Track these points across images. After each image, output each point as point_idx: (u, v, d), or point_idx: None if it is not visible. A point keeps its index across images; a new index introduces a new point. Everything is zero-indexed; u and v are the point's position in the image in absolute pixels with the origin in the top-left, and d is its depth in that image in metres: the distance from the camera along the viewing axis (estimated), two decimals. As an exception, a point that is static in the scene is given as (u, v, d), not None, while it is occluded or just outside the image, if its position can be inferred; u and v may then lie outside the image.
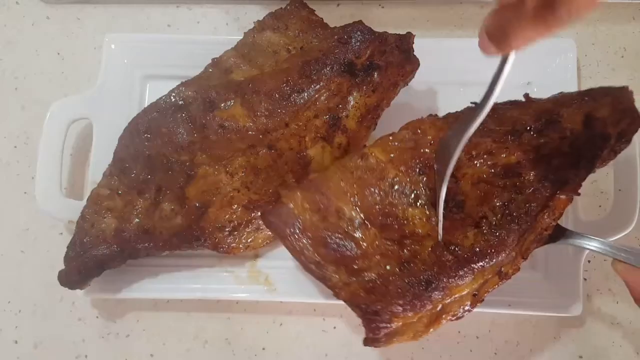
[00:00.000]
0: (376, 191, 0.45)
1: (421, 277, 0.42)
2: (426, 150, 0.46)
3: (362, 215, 0.44)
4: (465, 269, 0.41)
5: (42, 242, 0.58)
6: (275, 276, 0.53)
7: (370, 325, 0.42)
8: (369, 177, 0.45)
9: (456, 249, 0.42)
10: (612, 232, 0.50)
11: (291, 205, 0.45)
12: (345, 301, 0.44)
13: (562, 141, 0.44)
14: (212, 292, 0.53)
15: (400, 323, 0.42)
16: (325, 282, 0.44)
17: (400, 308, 0.41)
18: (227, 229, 0.49)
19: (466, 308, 0.44)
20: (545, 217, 0.43)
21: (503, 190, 0.43)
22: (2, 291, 0.57)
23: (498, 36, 0.29)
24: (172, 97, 0.51)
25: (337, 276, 0.44)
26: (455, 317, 0.44)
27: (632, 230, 0.49)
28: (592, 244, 0.45)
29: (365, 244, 0.44)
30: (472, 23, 0.62)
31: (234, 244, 0.50)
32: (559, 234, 0.46)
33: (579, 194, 0.43)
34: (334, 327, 0.55)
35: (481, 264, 0.41)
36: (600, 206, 0.56)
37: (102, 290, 0.52)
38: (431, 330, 0.43)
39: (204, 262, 0.53)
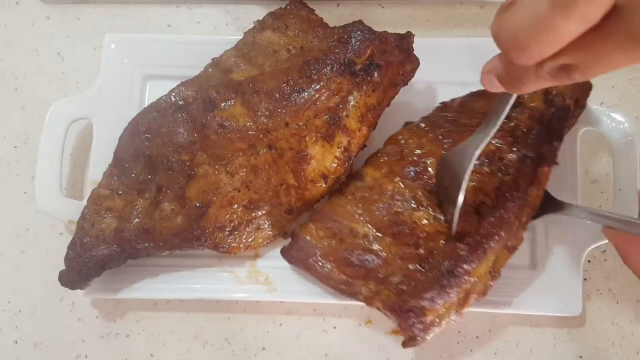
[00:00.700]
0: (380, 205, 0.49)
1: (442, 268, 0.45)
2: (413, 157, 0.50)
3: (374, 230, 0.48)
4: (479, 252, 0.45)
5: (42, 242, 0.58)
6: (275, 276, 0.53)
7: (406, 323, 0.45)
8: (370, 194, 0.50)
9: (467, 237, 0.45)
10: (612, 232, 0.50)
11: (308, 238, 0.49)
12: (379, 309, 0.47)
13: (531, 120, 0.49)
14: (212, 292, 0.53)
15: (433, 316, 0.45)
16: (357, 297, 0.48)
17: (431, 300, 0.44)
18: (227, 229, 0.49)
19: (488, 284, 0.47)
20: (534, 189, 0.47)
21: (491, 176, 0.47)
22: (2, 291, 0.57)
23: (512, 82, 0.30)
24: (172, 97, 0.51)
25: (366, 288, 0.47)
26: (480, 296, 0.47)
27: (632, 230, 0.49)
28: (582, 213, 0.47)
29: (384, 254, 0.47)
30: (472, 23, 0.62)
31: (234, 244, 0.50)
32: (551, 205, 0.50)
33: (557, 163, 0.48)
34: (334, 327, 0.55)
35: (491, 243, 0.45)
36: (600, 206, 0.56)
37: (102, 290, 0.52)
38: (459, 316, 0.46)
39: (204, 262, 0.54)
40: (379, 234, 0.48)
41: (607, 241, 0.50)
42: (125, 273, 0.53)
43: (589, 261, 0.55)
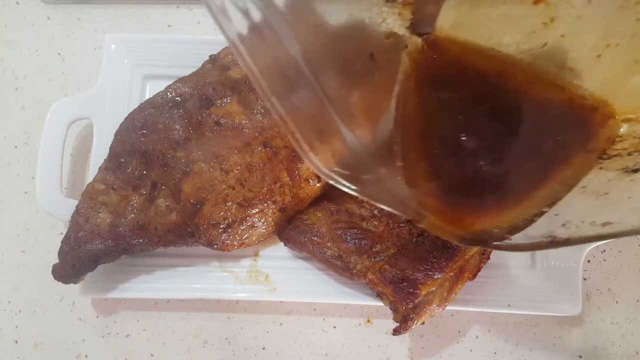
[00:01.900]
0: None
1: (438, 241, 0.46)
2: None
3: (370, 210, 0.50)
4: None
5: (42, 242, 0.58)
6: (275, 276, 0.53)
7: (400, 293, 0.46)
8: None
9: None
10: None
11: (305, 217, 0.51)
12: (373, 283, 0.47)
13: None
14: (212, 292, 0.53)
15: (426, 291, 0.46)
16: (350, 272, 0.48)
17: (424, 273, 0.45)
18: (221, 226, 0.50)
19: (479, 265, 0.48)
20: None
21: None
22: (2, 291, 0.57)
23: None
24: (168, 94, 0.52)
25: (360, 263, 0.48)
26: (472, 276, 0.48)
27: (632, 230, 0.49)
28: None
29: (379, 229, 0.49)
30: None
31: (228, 241, 0.50)
32: None
33: None
34: (334, 327, 0.55)
35: None
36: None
37: (102, 290, 0.52)
38: (453, 295, 0.47)
39: (204, 262, 0.54)
40: (376, 213, 0.50)
41: (607, 241, 0.51)
42: (126, 273, 0.53)
43: (588, 261, 0.55)
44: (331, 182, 0.37)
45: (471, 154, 0.39)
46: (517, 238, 0.37)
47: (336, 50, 0.40)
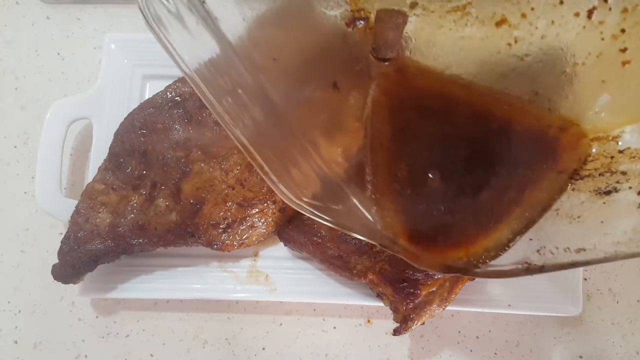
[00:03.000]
0: None
1: None
2: None
3: None
4: None
5: (42, 242, 0.58)
6: (275, 276, 0.53)
7: (401, 296, 0.45)
8: None
9: None
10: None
11: (305, 217, 0.49)
12: (373, 283, 0.47)
13: None
14: (212, 292, 0.53)
15: (427, 292, 0.45)
16: (351, 272, 0.48)
17: (425, 272, 0.45)
18: (221, 226, 0.49)
19: None
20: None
21: None
22: (2, 291, 0.57)
23: None
24: (168, 93, 0.52)
25: (361, 263, 0.48)
26: (469, 279, 0.48)
27: (632, 230, 0.49)
28: None
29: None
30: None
31: (228, 241, 0.50)
32: None
33: None
34: (334, 327, 0.55)
35: None
36: (600, 206, 0.56)
37: (102, 291, 0.52)
38: (453, 296, 0.47)
39: (204, 261, 0.54)
40: None
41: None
42: (126, 273, 0.53)
43: (589, 261, 0.55)
44: (303, 212, 0.38)
45: (441, 182, 0.40)
46: (492, 265, 0.37)
47: (299, 80, 0.40)
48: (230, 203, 0.49)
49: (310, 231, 0.50)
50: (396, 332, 0.46)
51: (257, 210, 0.50)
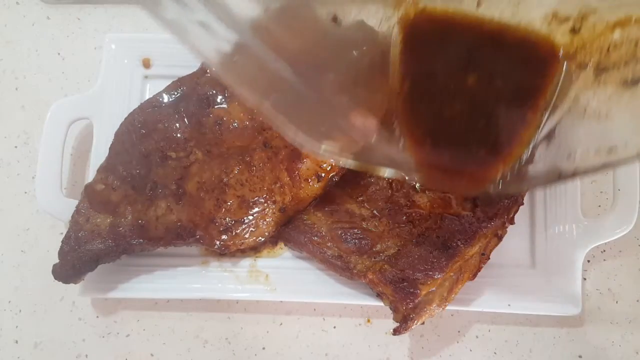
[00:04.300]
0: (377, 189, 0.51)
1: (438, 242, 0.46)
2: None
3: (370, 211, 0.50)
4: (473, 229, 0.46)
5: (42, 242, 0.58)
6: (275, 276, 0.53)
7: (401, 295, 0.45)
8: (366, 182, 0.51)
9: (461, 218, 0.47)
10: (612, 231, 0.50)
11: (305, 217, 0.50)
12: (373, 283, 0.47)
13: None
14: (212, 292, 0.53)
15: (426, 291, 0.46)
16: (351, 272, 0.48)
17: (425, 273, 0.45)
18: (221, 226, 0.50)
19: (479, 265, 0.48)
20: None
21: None
22: (2, 291, 0.57)
23: None
24: (168, 93, 0.52)
25: (361, 263, 0.48)
26: (472, 276, 0.48)
27: (632, 230, 0.49)
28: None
29: (379, 229, 0.49)
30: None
31: (228, 241, 0.50)
32: None
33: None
34: (334, 327, 0.55)
35: (482, 226, 0.46)
36: (599, 206, 0.56)
37: (102, 290, 0.52)
38: (453, 295, 0.47)
39: (204, 262, 0.54)
40: (376, 213, 0.50)
41: (607, 241, 0.51)
42: (126, 273, 0.53)
43: (588, 261, 0.55)
44: (324, 156, 0.37)
45: (461, 110, 0.39)
46: (525, 176, 0.36)
47: (320, 48, 0.39)
48: (230, 203, 0.50)
49: (310, 231, 0.50)
50: (396, 331, 0.46)
51: (257, 210, 0.50)
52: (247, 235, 0.51)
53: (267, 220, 0.50)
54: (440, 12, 0.40)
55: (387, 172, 0.38)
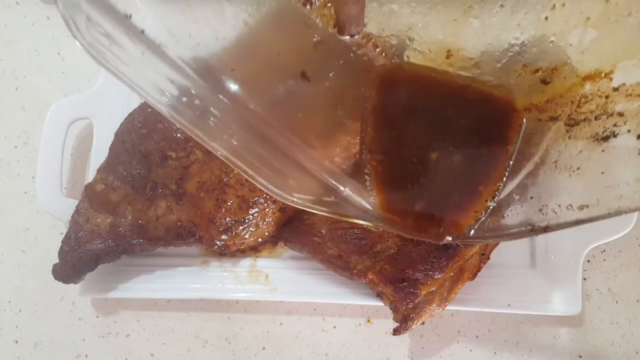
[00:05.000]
0: None
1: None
2: None
3: None
4: None
5: (42, 242, 0.58)
6: (275, 276, 0.53)
7: (401, 295, 0.45)
8: None
9: None
10: (612, 232, 0.50)
11: (305, 217, 0.50)
12: (373, 283, 0.47)
13: None
14: (212, 292, 0.53)
15: (426, 291, 0.46)
16: (351, 272, 0.48)
17: (425, 273, 0.45)
18: (221, 226, 0.50)
19: (479, 266, 0.48)
20: None
21: None
22: (2, 291, 0.57)
23: None
24: None
25: (361, 263, 0.48)
26: (472, 276, 0.48)
27: (632, 230, 0.49)
28: None
29: (379, 230, 0.48)
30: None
31: (228, 241, 0.50)
32: None
33: None
34: (334, 327, 0.55)
35: None
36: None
37: (103, 291, 0.52)
38: (453, 295, 0.47)
39: (204, 262, 0.54)
40: None
41: (607, 241, 0.51)
42: (126, 273, 0.53)
43: (588, 261, 0.55)
44: (296, 206, 0.37)
45: (431, 156, 0.40)
46: (497, 229, 0.37)
47: (264, 81, 0.39)
48: (230, 203, 0.50)
49: (310, 231, 0.50)
50: (396, 331, 0.46)
51: (257, 210, 0.50)
52: (247, 235, 0.51)
53: (267, 220, 0.50)
54: (409, 67, 0.40)
55: (360, 222, 0.39)
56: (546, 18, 0.36)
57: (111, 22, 0.33)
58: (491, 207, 0.39)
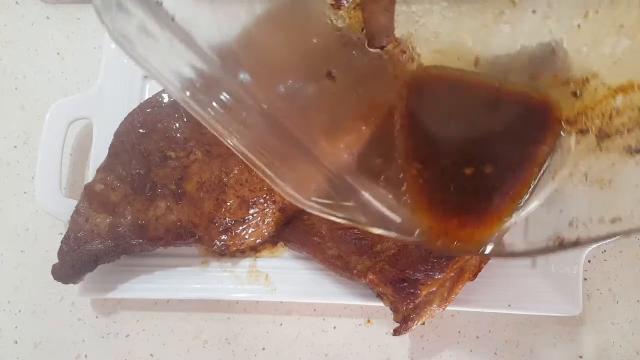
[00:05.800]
0: None
1: None
2: None
3: None
4: None
5: (42, 242, 0.58)
6: (275, 276, 0.53)
7: (401, 296, 0.45)
8: None
9: None
10: (612, 232, 0.50)
11: (305, 217, 0.50)
12: (373, 283, 0.47)
13: None
14: (212, 292, 0.52)
15: (427, 292, 0.45)
16: (351, 272, 0.48)
17: (425, 273, 0.45)
18: (221, 226, 0.50)
19: (480, 265, 0.48)
20: None
21: None
22: (2, 291, 0.57)
23: None
24: (168, 93, 0.52)
25: (361, 263, 0.48)
26: (472, 276, 0.48)
27: (632, 230, 0.49)
28: None
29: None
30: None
31: (228, 241, 0.50)
32: None
33: None
34: (334, 327, 0.55)
35: None
36: (600, 206, 0.56)
37: (102, 291, 0.52)
38: (453, 296, 0.47)
39: (204, 262, 0.53)
40: None
41: (607, 241, 0.50)
42: (126, 273, 0.53)
43: (589, 261, 0.55)
44: (313, 212, 0.36)
45: (463, 162, 0.38)
46: (523, 244, 0.36)
47: (291, 79, 0.38)
48: (230, 203, 0.50)
49: (310, 231, 0.50)
50: (396, 332, 0.46)
51: (257, 210, 0.50)
52: (247, 235, 0.51)
53: (267, 220, 0.50)
54: (439, 71, 0.39)
55: (379, 231, 0.37)
56: (578, 26, 0.36)
57: (142, 10, 0.33)
58: (516, 221, 0.38)
